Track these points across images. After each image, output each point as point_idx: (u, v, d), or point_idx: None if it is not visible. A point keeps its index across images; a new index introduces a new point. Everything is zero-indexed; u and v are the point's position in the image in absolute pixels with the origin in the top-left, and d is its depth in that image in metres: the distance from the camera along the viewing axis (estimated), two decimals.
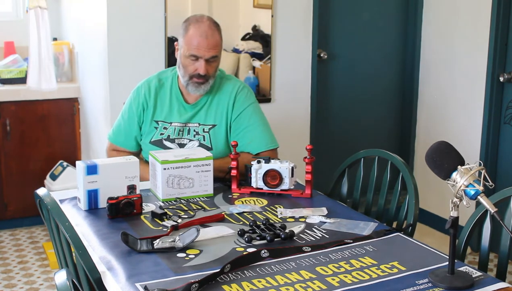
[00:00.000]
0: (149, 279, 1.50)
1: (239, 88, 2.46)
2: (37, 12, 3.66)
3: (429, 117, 4.11)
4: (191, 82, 2.36)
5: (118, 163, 2.03)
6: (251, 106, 2.45)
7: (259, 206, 2.06)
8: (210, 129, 2.42)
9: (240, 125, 2.42)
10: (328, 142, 4.07)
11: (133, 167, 2.05)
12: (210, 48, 2.32)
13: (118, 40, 3.36)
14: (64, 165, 3.89)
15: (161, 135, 2.42)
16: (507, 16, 3.51)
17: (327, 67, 3.99)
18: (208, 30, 2.33)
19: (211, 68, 2.36)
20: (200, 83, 2.36)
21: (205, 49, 2.32)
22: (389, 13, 4.18)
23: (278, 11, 3.66)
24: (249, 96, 2.47)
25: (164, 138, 2.42)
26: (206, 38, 2.32)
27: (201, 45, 2.32)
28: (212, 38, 2.33)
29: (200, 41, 2.32)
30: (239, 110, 2.43)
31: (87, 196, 1.99)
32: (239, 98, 2.44)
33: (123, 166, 2.03)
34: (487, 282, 1.53)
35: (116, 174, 2.02)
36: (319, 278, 1.54)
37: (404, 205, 2.16)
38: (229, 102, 2.43)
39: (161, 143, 2.42)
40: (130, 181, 2.04)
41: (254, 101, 2.48)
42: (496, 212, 1.47)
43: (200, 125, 2.42)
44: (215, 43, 2.34)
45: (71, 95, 3.97)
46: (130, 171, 2.04)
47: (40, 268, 3.40)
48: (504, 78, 3.52)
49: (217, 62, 2.39)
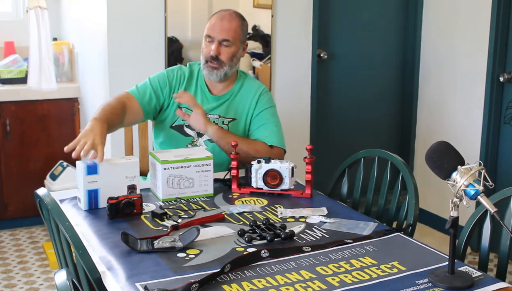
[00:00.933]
0: (149, 279, 1.50)
1: (263, 90, 2.57)
2: (37, 12, 3.66)
3: (429, 117, 4.11)
4: (206, 66, 2.46)
5: (118, 163, 2.04)
6: (272, 108, 2.55)
7: (259, 206, 2.06)
8: (230, 123, 2.49)
9: (259, 121, 2.50)
10: (328, 142, 4.07)
11: (133, 167, 2.05)
12: (223, 30, 2.42)
13: (118, 40, 3.36)
14: (64, 165, 3.89)
15: (183, 121, 2.46)
16: (507, 16, 3.51)
17: (327, 67, 3.99)
18: (226, 15, 2.46)
19: (224, 52, 2.43)
20: (213, 68, 2.44)
21: (219, 30, 2.42)
22: (389, 13, 4.18)
23: (278, 11, 3.66)
24: (271, 100, 2.58)
25: (186, 125, 2.47)
26: (221, 20, 2.44)
27: (215, 26, 2.43)
28: (227, 22, 2.43)
29: (215, 22, 2.44)
30: (261, 108, 2.52)
31: (87, 196, 1.99)
32: (263, 98, 2.54)
33: (123, 166, 2.04)
34: (487, 282, 1.53)
35: (116, 173, 2.02)
36: (319, 278, 1.54)
37: (404, 205, 2.17)
38: (252, 100, 2.52)
39: (181, 129, 2.48)
40: (130, 180, 2.04)
41: (275, 106, 2.59)
42: (496, 212, 1.47)
43: (220, 117, 2.49)
44: (230, 28, 2.43)
45: (71, 95, 3.97)
46: (130, 170, 2.04)
47: (40, 268, 3.40)
48: (504, 78, 3.52)
49: (231, 49, 2.45)
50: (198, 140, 2.47)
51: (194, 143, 2.47)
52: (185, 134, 2.48)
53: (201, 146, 2.45)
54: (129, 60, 3.38)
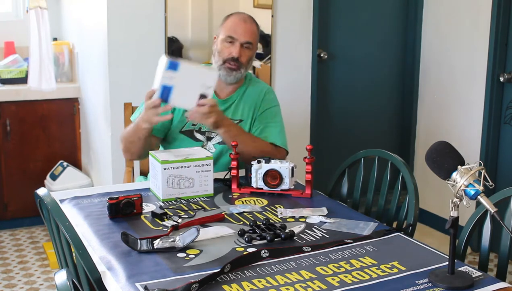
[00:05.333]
0: (149, 279, 1.50)
1: (268, 89, 2.59)
2: (37, 12, 3.66)
3: (429, 117, 4.11)
4: (224, 67, 2.43)
5: (199, 68, 2.09)
6: (276, 107, 2.56)
7: (259, 206, 2.06)
8: (237, 124, 2.48)
9: (263, 119, 2.51)
10: (328, 142, 4.07)
11: (212, 77, 2.10)
12: (247, 33, 2.42)
13: (118, 40, 3.36)
14: (64, 165, 3.89)
15: (193, 126, 2.46)
16: (507, 16, 3.51)
17: (327, 67, 3.99)
18: (248, 19, 2.47)
19: (244, 55, 2.43)
20: (232, 69, 2.43)
21: (242, 32, 2.42)
22: (389, 13, 4.18)
23: (278, 11, 3.66)
24: (275, 99, 2.59)
25: (196, 129, 2.46)
26: (244, 22, 2.44)
27: (238, 27, 2.42)
28: (250, 24, 2.45)
29: (238, 23, 2.43)
30: (265, 107, 2.53)
31: (161, 90, 2.04)
32: (268, 97, 2.55)
33: (203, 73, 2.09)
34: (487, 282, 1.53)
35: (194, 77, 2.05)
36: (319, 278, 1.54)
37: (404, 205, 2.17)
38: (258, 99, 2.53)
39: (191, 134, 2.47)
40: (205, 89, 2.07)
41: (279, 104, 2.59)
42: (496, 212, 1.47)
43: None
44: (252, 30, 2.45)
45: (71, 95, 3.97)
46: (208, 79, 2.09)
47: (40, 268, 3.40)
48: (504, 78, 3.52)
49: (251, 52, 2.46)
50: (207, 144, 2.46)
51: (203, 147, 2.43)
52: (195, 139, 2.46)
53: (211, 149, 2.44)
54: (129, 60, 3.38)
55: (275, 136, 2.48)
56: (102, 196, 2.10)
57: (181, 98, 2.11)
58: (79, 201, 2.06)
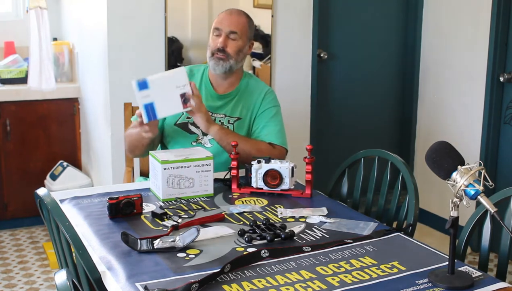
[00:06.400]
0: (149, 279, 1.50)
1: (269, 90, 2.61)
2: (37, 12, 3.66)
3: (429, 117, 4.11)
4: (212, 59, 2.48)
5: (165, 74, 2.16)
6: (276, 108, 2.57)
7: (259, 206, 2.06)
8: (235, 122, 2.50)
9: (262, 119, 2.52)
10: (328, 142, 4.07)
11: (180, 75, 2.16)
12: (232, 23, 2.47)
13: (118, 40, 3.36)
14: (64, 165, 3.89)
15: (188, 119, 2.47)
16: (507, 16, 3.51)
17: (327, 67, 3.99)
18: (235, 11, 2.52)
19: (231, 45, 2.46)
20: (219, 59, 2.46)
21: (227, 23, 2.46)
22: (389, 13, 4.18)
23: (278, 11, 3.66)
24: (276, 100, 2.60)
25: (190, 122, 2.46)
26: (230, 14, 2.49)
27: (223, 19, 2.48)
28: (236, 16, 2.49)
29: (224, 16, 2.49)
30: (265, 107, 2.54)
31: (145, 110, 2.13)
32: (268, 97, 2.56)
33: (171, 77, 2.16)
34: (487, 282, 1.53)
35: (166, 84, 2.13)
36: (319, 278, 1.54)
37: (404, 205, 2.17)
38: (257, 99, 2.54)
39: (186, 127, 2.48)
40: (182, 89, 2.13)
41: (279, 105, 2.60)
42: (496, 212, 1.47)
43: (226, 116, 2.50)
44: (238, 22, 2.48)
45: (71, 95, 3.97)
46: (179, 79, 2.15)
47: (40, 268, 3.40)
48: (504, 78, 3.52)
49: (238, 43, 2.48)
50: (203, 138, 2.47)
51: (198, 141, 2.47)
52: (189, 132, 2.47)
53: (206, 144, 2.46)
54: (129, 60, 3.38)
55: (274, 135, 2.49)
56: (102, 196, 2.10)
57: (166, 107, 2.20)
58: (79, 201, 2.06)
